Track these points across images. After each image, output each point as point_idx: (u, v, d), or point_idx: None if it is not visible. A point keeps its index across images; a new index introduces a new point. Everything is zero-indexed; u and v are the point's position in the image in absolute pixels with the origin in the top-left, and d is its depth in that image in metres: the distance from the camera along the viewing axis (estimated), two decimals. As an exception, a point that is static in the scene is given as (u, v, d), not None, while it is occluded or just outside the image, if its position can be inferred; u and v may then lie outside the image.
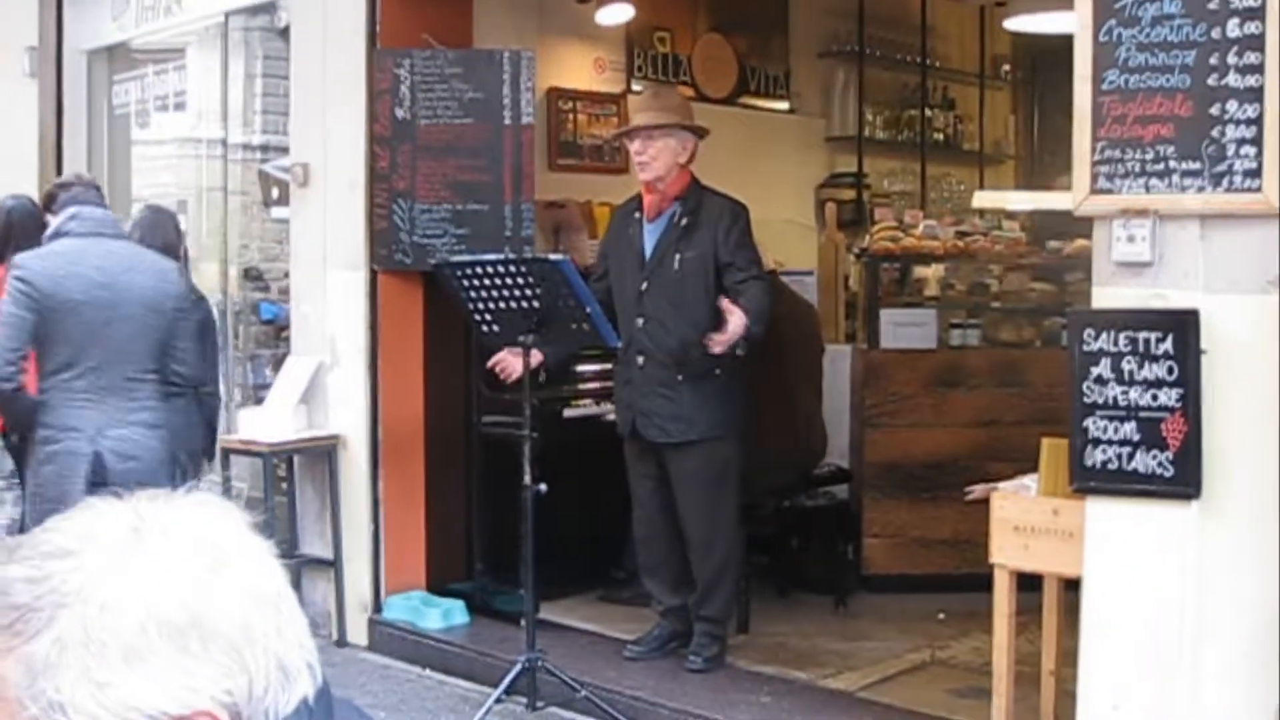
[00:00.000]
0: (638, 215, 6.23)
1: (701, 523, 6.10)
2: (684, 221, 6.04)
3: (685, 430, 6.02)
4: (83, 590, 1.23)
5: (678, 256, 6.02)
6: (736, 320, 5.64)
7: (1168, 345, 3.92)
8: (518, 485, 5.64)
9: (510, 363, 5.99)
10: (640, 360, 6.05)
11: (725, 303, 5.71)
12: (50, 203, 5.70)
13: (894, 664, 6.31)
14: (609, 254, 6.41)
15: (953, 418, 7.39)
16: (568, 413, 7.18)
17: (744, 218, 6.07)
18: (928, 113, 11.21)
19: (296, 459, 7.20)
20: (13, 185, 9.09)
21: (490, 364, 6.10)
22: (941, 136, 11.44)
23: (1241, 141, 3.79)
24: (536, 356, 5.88)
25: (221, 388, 7.44)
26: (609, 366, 6.56)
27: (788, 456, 7.07)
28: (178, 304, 5.41)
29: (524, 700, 5.68)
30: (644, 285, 6.10)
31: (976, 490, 5.01)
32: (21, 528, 5.33)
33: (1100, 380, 4.04)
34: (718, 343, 5.67)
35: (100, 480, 5.00)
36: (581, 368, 7.30)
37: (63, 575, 1.24)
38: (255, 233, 8.67)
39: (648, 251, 6.13)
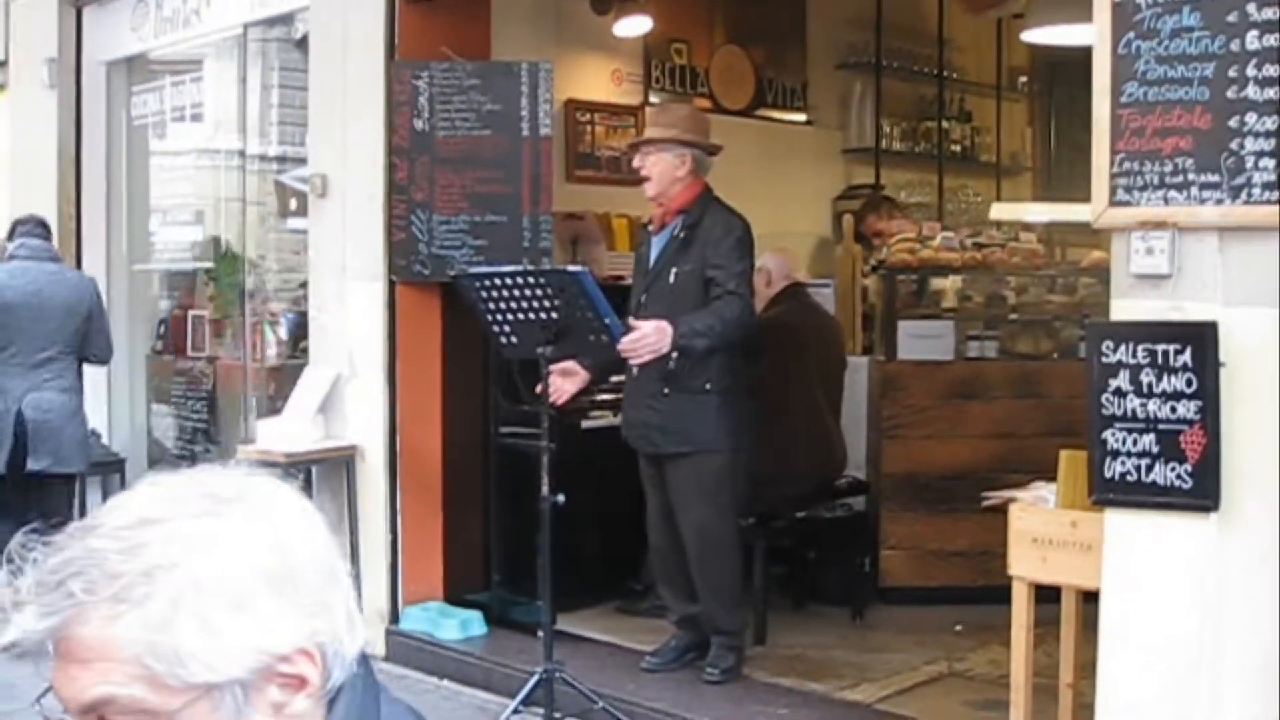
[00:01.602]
0: (649, 228, 6.29)
1: (696, 536, 6.09)
2: (683, 235, 6.06)
3: (670, 442, 6.04)
4: (186, 551, 1.37)
5: (674, 270, 6.04)
6: (646, 328, 5.64)
7: (1186, 357, 3.91)
8: (535, 496, 5.63)
9: (559, 385, 6.00)
10: (634, 370, 6.07)
11: (632, 320, 5.74)
12: (11, 234, 7.74)
13: (911, 676, 6.29)
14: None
15: (970, 429, 7.38)
16: (585, 424, 7.18)
17: (737, 233, 6.02)
18: (945, 124, 11.22)
19: (314, 469, 7.20)
20: (33, 194, 9.19)
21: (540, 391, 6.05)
22: (959, 148, 11.44)
23: (1260, 154, 3.78)
24: (584, 376, 6.04)
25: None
26: (627, 378, 6.58)
27: (809, 467, 7.08)
28: (90, 306, 7.62)
29: (541, 711, 5.67)
30: (643, 297, 6.14)
31: (994, 497, 5.00)
32: None
33: (1119, 392, 4.03)
34: (624, 349, 5.65)
35: (21, 427, 7.24)
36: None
37: (161, 541, 1.37)
38: (272, 243, 8.70)
39: (651, 263, 6.18)
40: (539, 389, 5.79)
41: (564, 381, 6.01)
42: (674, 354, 5.76)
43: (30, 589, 1.36)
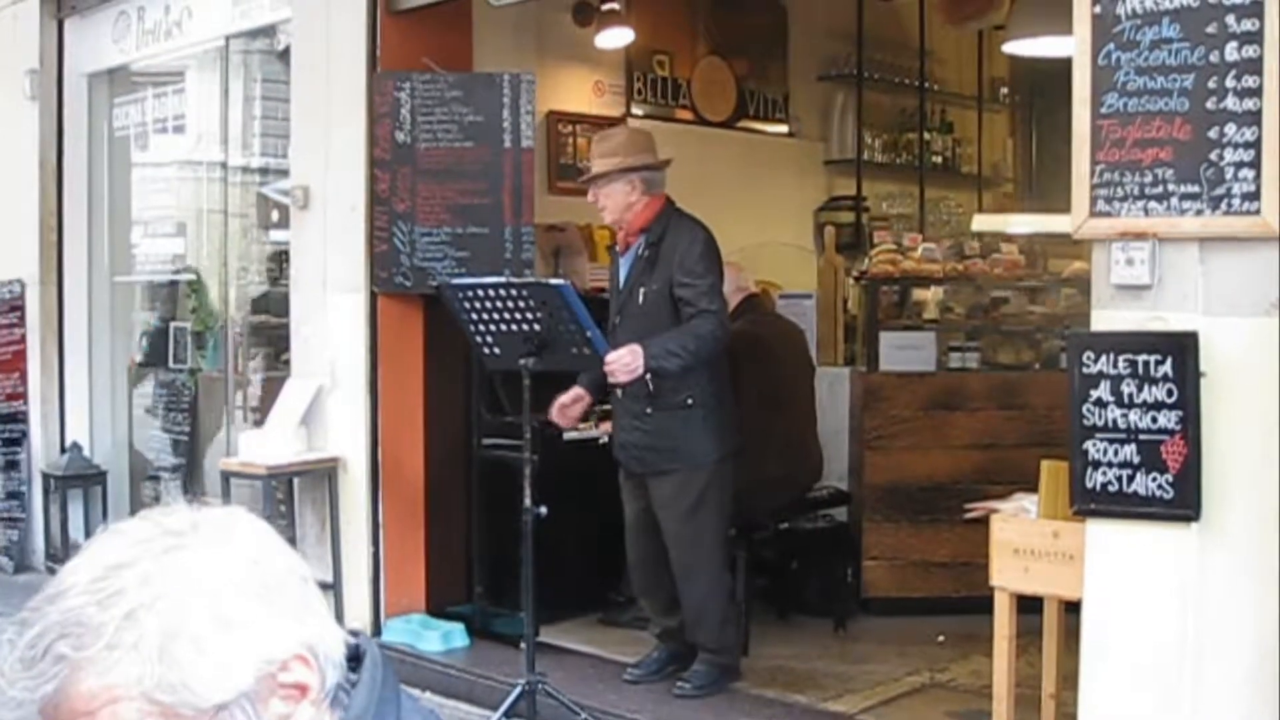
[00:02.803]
0: (616, 250, 6.33)
1: (682, 550, 6.08)
2: (647, 254, 6.06)
3: (659, 460, 6.04)
4: (164, 585, 1.39)
5: (642, 290, 6.05)
6: (620, 350, 5.70)
7: (1167, 368, 3.92)
8: (518, 508, 5.63)
9: (568, 413, 6.20)
10: (619, 392, 6.08)
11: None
12: None
13: (894, 687, 6.29)
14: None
15: (952, 440, 7.39)
16: (568, 435, 7.16)
17: (700, 244, 6.00)
18: (926, 136, 11.24)
19: (296, 481, 7.19)
20: (14, 207, 9.16)
21: (554, 420, 6.19)
22: (940, 159, 11.47)
23: (1240, 165, 3.80)
24: (586, 400, 6.19)
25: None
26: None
27: (784, 477, 7.07)
28: None
29: (524, 723, 5.67)
30: (617, 319, 6.16)
31: (976, 508, 5.01)
32: None
33: (1100, 403, 4.04)
34: (609, 372, 5.74)
35: None
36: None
37: (136, 582, 1.38)
38: (254, 255, 8.68)
39: (621, 285, 6.20)
40: (551, 413, 6.03)
41: (572, 408, 6.18)
42: (649, 375, 5.77)
43: (14, 668, 1.37)
